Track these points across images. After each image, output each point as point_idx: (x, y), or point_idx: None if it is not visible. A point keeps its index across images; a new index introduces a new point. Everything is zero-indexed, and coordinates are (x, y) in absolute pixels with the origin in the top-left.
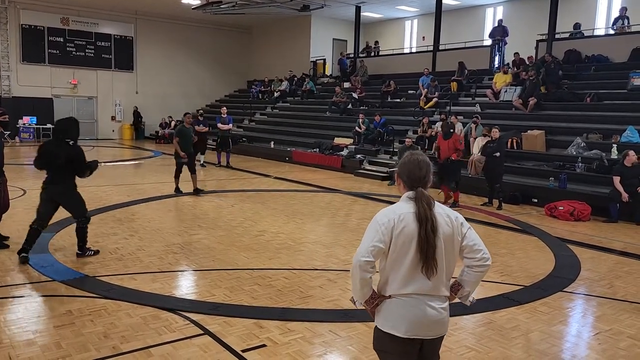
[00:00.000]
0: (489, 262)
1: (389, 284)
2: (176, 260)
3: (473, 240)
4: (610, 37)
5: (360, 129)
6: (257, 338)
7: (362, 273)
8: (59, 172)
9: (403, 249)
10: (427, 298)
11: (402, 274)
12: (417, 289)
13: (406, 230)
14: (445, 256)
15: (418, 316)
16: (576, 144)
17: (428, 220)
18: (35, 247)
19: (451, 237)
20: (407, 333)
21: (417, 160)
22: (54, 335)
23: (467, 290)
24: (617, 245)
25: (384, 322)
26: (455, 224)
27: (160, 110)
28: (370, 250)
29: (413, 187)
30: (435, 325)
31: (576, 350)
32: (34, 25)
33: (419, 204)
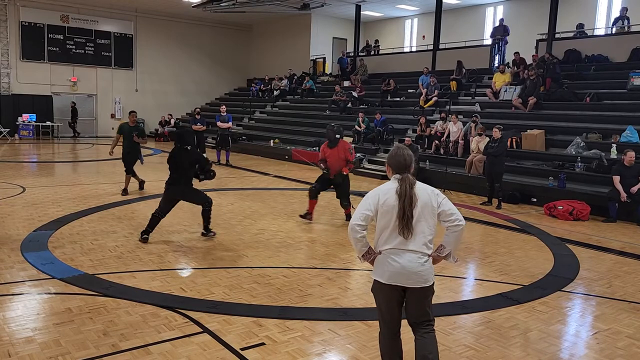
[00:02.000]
0: (461, 223)
1: (378, 242)
2: (175, 259)
3: (447, 207)
4: (610, 37)
5: (360, 128)
6: (256, 336)
7: (354, 233)
8: (181, 173)
9: (386, 216)
10: (405, 252)
11: (386, 235)
12: (397, 244)
13: (388, 202)
14: (423, 219)
15: (396, 267)
16: (575, 144)
17: (406, 196)
18: (35, 245)
19: (429, 205)
20: (389, 280)
21: (402, 155)
22: (53, 332)
23: (448, 249)
24: (616, 244)
25: (374, 271)
26: (432, 195)
27: (159, 108)
28: (360, 216)
29: (400, 172)
30: (413, 275)
31: (574, 350)
32: (34, 23)
33: (403, 183)
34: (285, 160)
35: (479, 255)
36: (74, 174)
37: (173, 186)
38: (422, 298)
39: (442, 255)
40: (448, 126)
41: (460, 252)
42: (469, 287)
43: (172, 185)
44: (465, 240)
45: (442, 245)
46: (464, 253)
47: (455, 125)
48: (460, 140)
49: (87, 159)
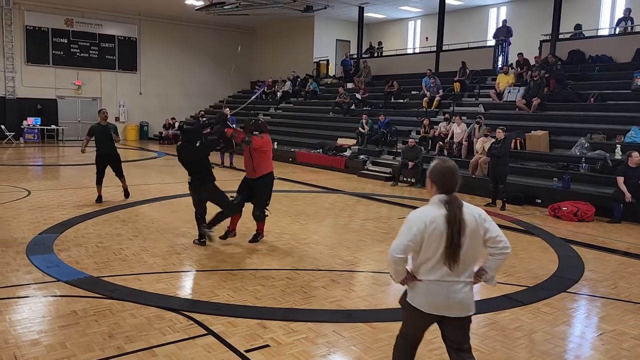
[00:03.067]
0: (508, 250)
1: (419, 271)
2: (180, 261)
3: (495, 232)
4: (614, 38)
5: (363, 130)
6: (261, 338)
7: (395, 266)
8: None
9: (433, 246)
10: (451, 284)
11: (430, 265)
12: (442, 275)
13: (436, 231)
14: (470, 249)
15: (440, 298)
16: (580, 145)
17: (456, 222)
18: (40, 248)
19: (476, 231)
20: (430, 310)
21: (450, 168)
22: (58, 335)
23: (491, 274)
24: (620, 245)
25: (412, 297)
26: (479, 220)
27: (163, 111)
28: (403, 248)
29: (446, 191)
30: (457, 305)
31: (580, 351)
32: (38, 27)
33: (451, 207)
34: (289, 162)
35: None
36: (79, 177)
37: (198, 189)
38: (464, 325)
39: (483, 279)
40: (452, 127)
41: None
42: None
43: (197, 187)
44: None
45: (483, 269)
46: None
47: (459, 126)
48: (464, 141)
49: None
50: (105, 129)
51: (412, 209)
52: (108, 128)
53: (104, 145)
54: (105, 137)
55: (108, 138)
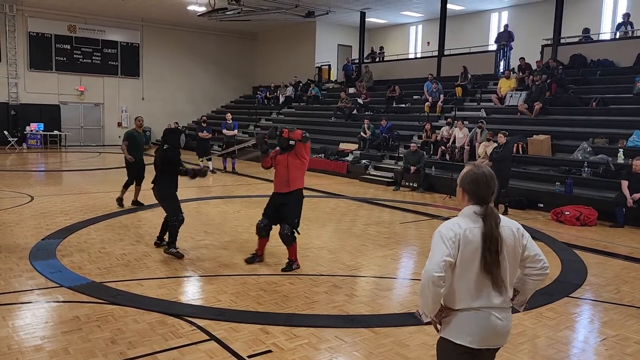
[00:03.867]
0: (548, 271)
1: (456, 297)
2: (182, 266)
3: (534, 251)
4: (615, 42)
5: (365, 135)
6: (263, 344)
7: (435, 289)
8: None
9: (467, 264)
10: (496, 310)
11: (470, 288)
12: (486, 302)
13: (470, 247)
14: (510, 269)
15: (489, 329)
16: (582, 149)
17: (493, 239)
18: (43, 253)
19: (513, 249)
20: (479, 344)
21: (484, 176)
22: (61, 340)
23: (524, 298)
24: (623, 250)
25: (455, 335)
26: (517, 235)
27: (166, 116)
28: (442, 265)
29: (480, 202)
30: (503, 335)
31: (583, 356)
32: (41, 33)
33: (488, 221)
34: None
35: None
36: (82, 182)
37: (154, 185)
38: (495, 353)
39: (515, 303)
40: (454, 132)
41: None
42: None
43: (153, 184)
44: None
45: (517, 291)
46: None
47: (461, 131)
48: (466, 146)
49: (94, 168)
50: (140, 136)
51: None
52: (142, 136)
53: (138, 152)
54: (140, 144)
55: (142, 145)
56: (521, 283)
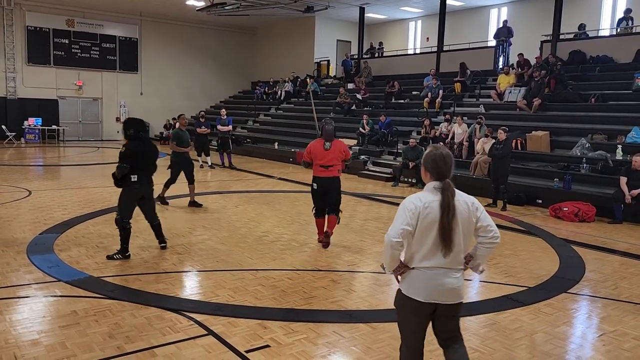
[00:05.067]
0: (498, 240)
1: (413, 258)
2: (180, 261)
3: (486, 222)
4: (614, 38)
5: (364, 130)
6: (261, 339)
7: (392, 251)
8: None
9: (426, 231)
10: (444, 270)
11: (424, 251)
12: (436, 263)
13: (430, 216)
14: (463, 236)
15: (436, 285)
16: (581, 145)
17: (450, 209)
18: (41, 248)
19: (468, 219)
20: (426, 298)
21: (443, 156)
22: (59, 335)
23: (478, 262)
24: (621, 246)
25: (407, 288)
26: (472, 208)
27: (164, 111)
28: (400, 232)
29: (440, 178)
30: (450, 292)
31: (580, 352)
32: (39, 27)
33: (445, 194)
34: (289, 162)
35: None
36: (80, 177)
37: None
38: (455, 313)
39: (470, 266)
40: (453, 128)
41: None
42: (474, 289)
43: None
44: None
45: (471, 256)
46: None
47: (460, 127)
48: (465, 142)
49: (92, 162)
50: (185, 134)
51: None
52: (187, 134)
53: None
54: (186, 142)
55: (188, 144)
56: (475, 249)
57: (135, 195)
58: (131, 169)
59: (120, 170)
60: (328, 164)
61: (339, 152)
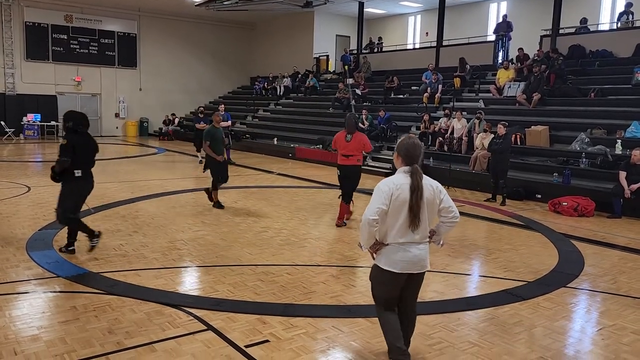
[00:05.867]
0: (457, 220)
1: (387, 235)
2: (180, 257)
3: (448, 204)
4: (614, 32)
5: (363, 125)
6: (261, 334)
7: (369, 228)
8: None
9: (398, 210)
10: (413, 245)
11: (397, 228)
12: (408, 239)
13: (401, 196)
14: (427, 214)
15: (409, 257)
16: (580, 140)
17: (418, 190)
18: (40, 244)
19: (432, 201)
20: (401, 270)
21: (413, 143)
22: (58, 330)
23: (439, 237)
24: (620, 240)
25: (385, 262)
26: (436, 191)
27: (163, 107)
28: (376, 211)
29: (410, 163)
30: (419, 262)
31: (579, 346)
32: (38, 23)
33: (415, 177)
34: (289, 157)
35: (483, 252)
36: None
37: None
38: (420, 281)
39: (432, 240)
40: (452, 123)
41: (464, 249)
42: (474, 283)
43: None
44: (470, 237)
45: (434, 231)
46: (468, 250)
47: (459, 122)
48: (464, 137)
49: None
50: (219, 131)
51: None
52: (221, 131)
53: (219, 148)
54: (220, 140)
55: (222, 141)
56: (438, 227)
57: (82, 191)
58: (73, 163)
59: (60, 164)
60: (348, 153)
61: (358, 144)
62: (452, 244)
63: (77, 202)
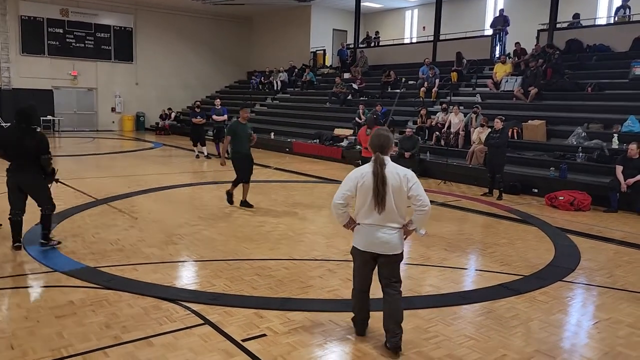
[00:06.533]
0: (426, 208)
1: (358, 216)
2: (177, 251)
3: (416, 192)
4: (611, 27)
5: (360, 120)
6: (257, 328)
7: (336, 210)
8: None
9: (364, 195)
10: (378, 227)
11: (364, 211)
12: (373, 220)
13: (366, 183)
14: (395, 201)
15: (372, 238)
16: (577, 134)
17: (379, 176)
18: (37, 239)
19: (399, 188)
20: (365, 248)
21: (378, 134)
22: (55, 325)
23: (414, 225)
24: (617, 234)
25: (354, 239)
26: (403, 179)
27: (160, 101)
28: (342, 196)
29: (375, 152)
30: (383, 244)
31: (575, 339)
32: (33, 17)
33: (376, 164)
34: (286, 152)
35: (480, 246)
36: (75, 168)
37: (18, 173)
38: (392, 262)
39: (410, 229)
40: (449, 117)
41: (461, 243)
42: (470, 277)
43: (16, 171)
44: (467, 231)
45: (410, 221)
46: (464, 244)
47: (456, 116)
48: (461, 131)
49: (88, 153)
50: (245, 127)
51: None
52: (247, 127)
53: (244, 145)
54: (246, 137)
55: (247, 138)
56: (413, 216)
57: (10, 185)
58: (6, 156)
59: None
60: None
61: None
62: (448, 238)
63: (11, 197)
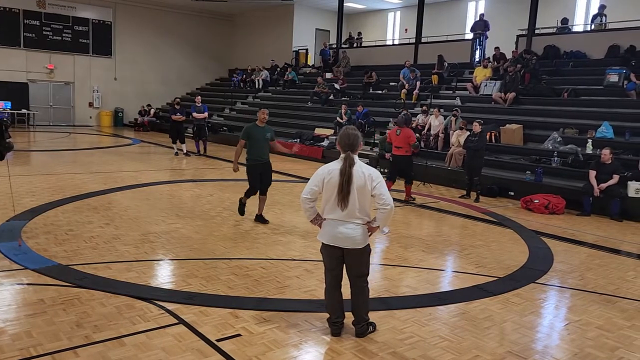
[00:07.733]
0: (388, 207)
1: (323, 211)
2: (152, 250)
3: (379, 191)
4: (588, 34)
5: (341, 120)
6: (232, 328)
7: (303, 204)
8: None
9: (329, 191)
10: (340, 222)
11: (329, 206)
12: (336, 216)
13: (332, 180)
14: (359, 198)
15: (335, 232)
16: (552, 139)
17: (346, 174)
18: (8, 235)
19: (363, 187)
20: (329, 242)
21: (347, 133)
22: (24, 324)
23: (377, 224)
24: (589, 238)
25: (320, 233)
26: (368, 178)
27: (139, 97)
28: (309, 191)
29: (344, 151)
30: (345, 239)
31: (547, 340)
32: (9, 8)
33: (344, 162)
34: None
35: (456, 248)
36: (50, 163)
37: None
38: (356, 256)
39: (373, 227)
40: (429, 120)
41: (438, 244)
42: (446, 279)
43: None
44: (444, 233)
45: (374, 218)
46: (442, 246)
47: (436, 118)
48: (441, 133)
49: (63, 148)
50: (263, 130)
51: None
52: (266, 131)
53: (261, 151)
54: (263, 141)
55: (265, 143)
56: (377, 214)
57: None
58: None
59: None
60: (398, 145)
61: (405, 137)
62: (426, 239)
63: None
